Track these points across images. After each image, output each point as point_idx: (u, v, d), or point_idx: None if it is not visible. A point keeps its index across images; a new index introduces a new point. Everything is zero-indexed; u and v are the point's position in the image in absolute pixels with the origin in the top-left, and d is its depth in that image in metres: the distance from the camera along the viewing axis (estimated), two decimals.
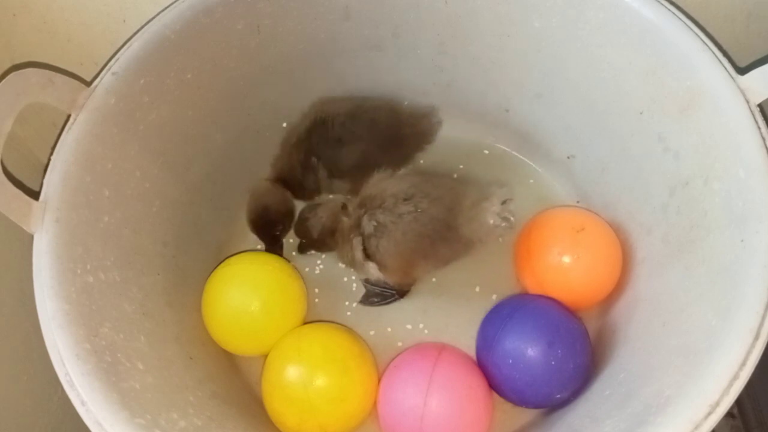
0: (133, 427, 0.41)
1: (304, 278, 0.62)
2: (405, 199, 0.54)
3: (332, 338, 0.56)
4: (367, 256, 0.55)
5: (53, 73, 0.49)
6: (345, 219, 0.57)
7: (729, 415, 0.71)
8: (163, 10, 0.54)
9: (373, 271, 0.56)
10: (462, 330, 0.61)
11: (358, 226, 0.55)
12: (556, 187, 0.69)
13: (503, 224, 0.53)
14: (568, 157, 0.67)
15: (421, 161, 0.69)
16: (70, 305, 0.44)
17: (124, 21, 0.60)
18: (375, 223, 0.54)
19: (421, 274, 0.60)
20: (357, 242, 0.55)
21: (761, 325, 0.41)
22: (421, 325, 0.62)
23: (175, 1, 0.54)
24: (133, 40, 0.53)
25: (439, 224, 0.53)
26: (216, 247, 0.66)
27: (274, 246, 0.64)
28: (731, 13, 0.61)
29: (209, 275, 0.60)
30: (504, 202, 0.53)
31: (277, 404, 0.55)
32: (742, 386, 0.40)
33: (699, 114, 0.50)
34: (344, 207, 0.58)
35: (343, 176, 0.61)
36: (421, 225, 0.53)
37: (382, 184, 0.56)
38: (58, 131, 0.50)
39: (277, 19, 0.59)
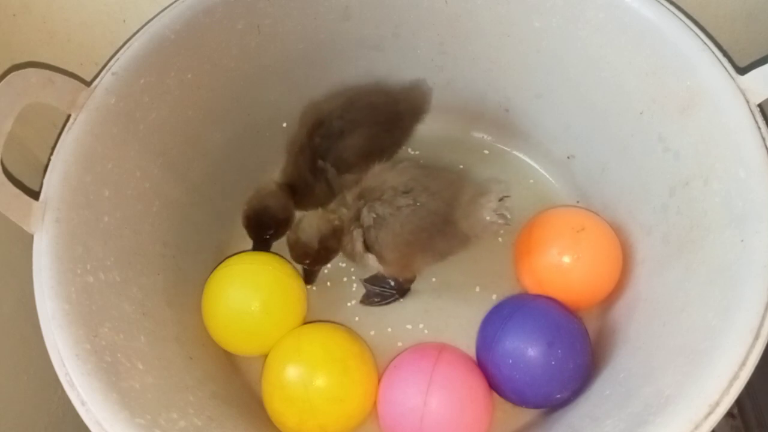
0: (133, 427, 0.41)
1: None
2: (404, 192, 0.54)
3: (332, 338, 0.56)
4: (367, 248, 0.55)
5: (53, 73, 0.49)
6: (345, 211, 0.57)
7: (729, 415, 0.71)
8: (163, 10, 0.54)
9: (371, 262, 0.56)
10: (462, 330, 0.61)
11: (357, 218, 0.55)
12: (556, 187, 0.69)
13: (500, 221, 0.53)
14: (568, 157, 0.67)
15: (421, 161, 0.69)
16: (70, 305, 0.44)
17: (124, 21, 0.60)
18: (374, 215, 0.54)
19: (419, 267, 0.60)
20: (357, 234, 0.55)
21: (761, 325, 0.41)
22: (421, 325, 0.62)
23: (175, 1, 0.54)
24: (133, 40, 0.53)
25: (436, 218, 0.54)
26: (216, 247, 0.66)
27: (261, 247, 0.64)
28: (731, 13, 0.61)
29: (209, 275, 0.60)
30: (501, 199, 0.53)
31: (277, 404, 0.55)
32: (742, 386, 0.40)
33: (699, 114, 0.50)
34: (340, 207, 0.58)
35: (351, 169, 0.61)
36: (419, 218, 0.53)
37: (383, 175, 0.56)
38: (58, 131, 0.50)
39: (277, 19, 0.59)
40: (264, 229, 0.63)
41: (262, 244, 0.64)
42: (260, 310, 0.57)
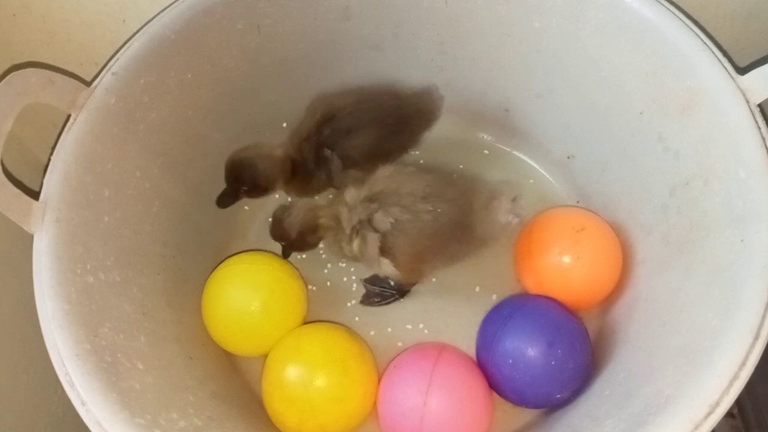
0: (133, 427, 0.42)
1: (306, 277, 0.62)
2: (423, 198, 0.54)
3: (332, 338, 0.56)
4: (383, 252, 0.56)
5: (53, 73, 0.49)
6: (345, 211, 0.57)
7: (729, 415, 0.71)
8: (163, 10, 0.54)
9: (386, 267, 0.56)
10: (462, 330, 0.61)
11: (369, 221, 0.55)
12: (556, 187, 0.69)
13: (514, 221, 0.53)
14: (568, 157, 0.67)
15: (421, 161, 0.69)
16: (70, 305, 0.44)
17: (124, 21, 0.60)
18: (392, 220, 0.54)
19: (429, 271, 0.60)
20: (373, 238, 0.55)
21: (761, 325, 0.41)
22: (421, 325, 0.62)
23: (175, 1, 0.54)
24: (133, 40, 0.53)
25: (454, 224, 0.54)
26: (216, 247, 0.66)
27: (228, 195, 0.62)
28: (731, 13, 0.61)
29: (209, 275, 0.60)
30: (514, 199, 0.54)
31: (277, 404, 0.55)
32: (742, 386, 0.40)
33: (699, 114, 0.50)
34: (333, 202, 0.58)
35: (356, 165, 0.61)
36: (439, 225, 0.54)
37: (396, 180, 0.56)
38: (58, 131, 0.50)
39: (277, 19, 0.59)
40: (238, 183, 0.61)
41: (232, 193, 0.62)
42: (260, 310, 0.57)
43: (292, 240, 0.60)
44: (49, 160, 0.49)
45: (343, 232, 0.57)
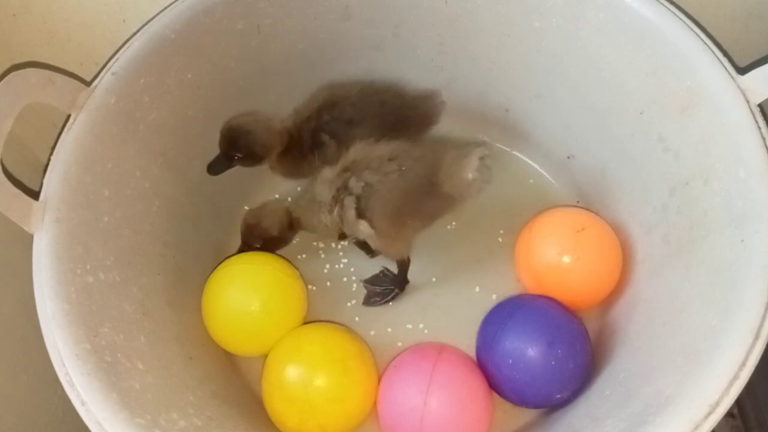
0: (133, 427, 0.42)
1: (306, 277, 0.62)
2: (390, 159, 0.55)
3: (332, 338, 0.56)
4: (358, 214, 0.56)
5: (53, 73, 0.49)
6: (323, 187, 0.57)
7: (729, 415, 0.71)
8: (163, 10, 0.54)
9: (364, 228, 0.56)
10: (462, 330, 0.61)
11: (345, 188, 0.56)
12: (556, 187, 0.69)
13: (481, 178, 0.54)
14: (568, 157, 0.67)
15: None
16: (70, 305, 0.44)
17: (124, 21, 0.60)
18: (363, 184, 0.55)
19: (410, 235, 0.60)
20: (349, 201, 0.56)
21: (761, 325, 0.41)
22: (421, 325, 0.62)
23: (175, 1, 0.55)
24: (133, 40, 0.53)
25: (422, 180, 0.54)
26: (216, 247, 0.66)
27: (221, 162, 0.60)
28: (731, 13, 0.61)
29: (209, 275, 0.60)
30: (482, 158, 0.54)
31: (277, 404, 0.55)
32: (742, 386, 0.40)
33: (699, 114, 0.50)
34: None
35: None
36: (406, 182, 0.54)
37: (366, 150, 0.57)
38: (58, 131, 0.50)
39: (277, 19, 0.59)
40: (233, 149, 0.60)
41: (224, 158, 0.60)
42: (260, 310, 0.57)
43: (271, 238, 0.61)
44: (49, 160, 0.49)
45: (321, 209, 0.58)
